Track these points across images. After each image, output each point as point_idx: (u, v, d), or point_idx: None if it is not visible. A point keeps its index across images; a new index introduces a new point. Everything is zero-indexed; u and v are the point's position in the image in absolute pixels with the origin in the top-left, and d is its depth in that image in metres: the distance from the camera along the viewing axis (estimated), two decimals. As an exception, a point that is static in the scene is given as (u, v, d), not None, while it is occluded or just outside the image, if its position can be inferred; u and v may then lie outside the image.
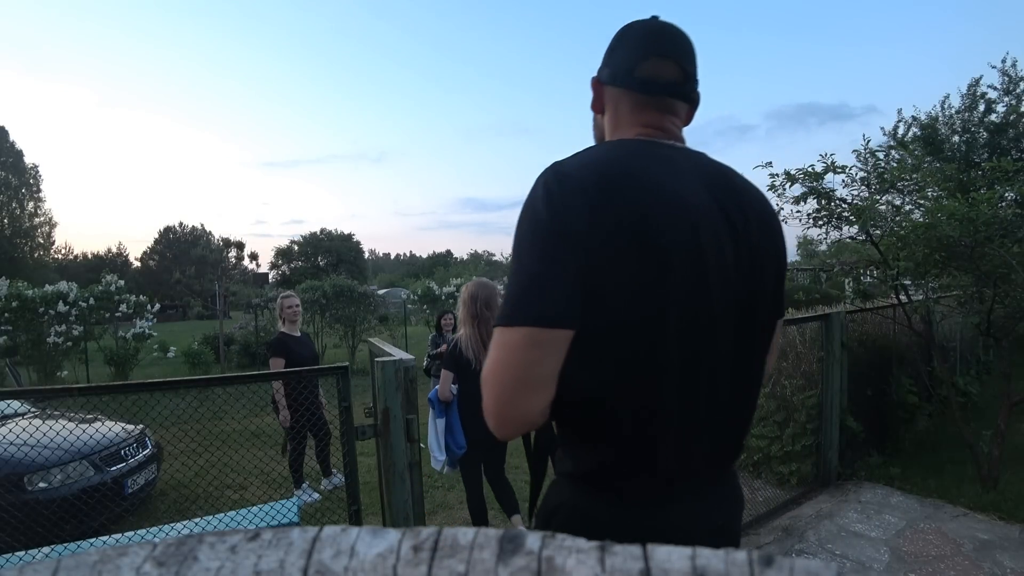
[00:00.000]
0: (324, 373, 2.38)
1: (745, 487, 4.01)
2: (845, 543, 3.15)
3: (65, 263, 45.99)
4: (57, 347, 9.32)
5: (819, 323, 4.00)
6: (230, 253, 22.09)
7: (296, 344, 4.33)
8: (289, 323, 4.40)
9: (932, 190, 4.28)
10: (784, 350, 4.22)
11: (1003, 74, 9.35)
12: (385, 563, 0.29)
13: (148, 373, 10.99)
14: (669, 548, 0.29)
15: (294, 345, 4.29)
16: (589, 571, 0.27)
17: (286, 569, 0.28)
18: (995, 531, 3.17)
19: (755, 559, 0.28)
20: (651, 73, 0.92)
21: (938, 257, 3.66)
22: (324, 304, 11.73)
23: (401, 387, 1.85)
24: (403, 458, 1.86)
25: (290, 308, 4.41)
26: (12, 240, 38.51)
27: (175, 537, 0.31)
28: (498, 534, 0.30)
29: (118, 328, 10.45)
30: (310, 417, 4.06)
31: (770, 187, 3.91)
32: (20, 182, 39.82)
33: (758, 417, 4.28)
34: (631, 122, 0.94)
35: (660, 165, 0.85)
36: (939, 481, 3.82)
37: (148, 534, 2.62)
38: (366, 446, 2.41)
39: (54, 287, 9.72)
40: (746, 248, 0.86)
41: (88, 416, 4.15)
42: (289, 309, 4.41)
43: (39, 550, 2.27)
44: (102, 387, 2.11)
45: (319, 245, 45.18)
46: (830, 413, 3.93)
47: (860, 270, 4.66)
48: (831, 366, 3.93)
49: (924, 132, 9.81)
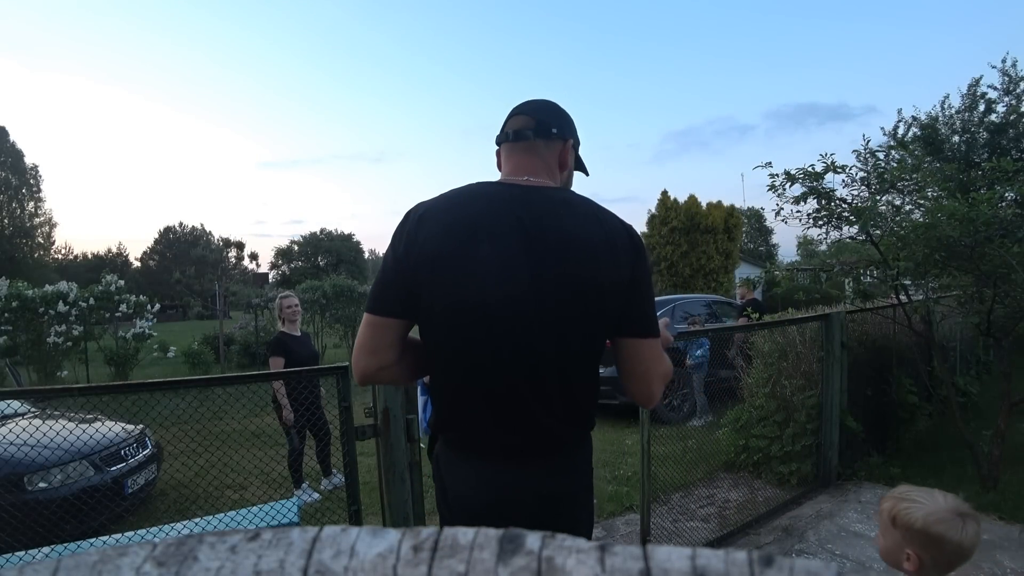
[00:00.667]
0: (324, 373, 2.38)
1: (745, 487, 4.04)
2: (845, 543, 3.15)
3: (65, 263, 46.04)
4: (57, 347, 9.32)
5: (819, 323, 4.00)
6: (230, 253, 22.09)
7: (295, 344, 4.33)
8: (288, 323, 4.41)
9: (932, 190, 4.27)
10: (784, 350, 4.22)
11: (1003, 74, 9.36)
12: (385, 563, 0.29)
13: (148, 373, 10.99)
14: (669, 548, 0.29)
15: (293, 345, 4.30)
16: (589, 571, 0.27)
17: (286, 569, 0.28)
18: (995, 531, 3.17)
19: (755, 559, 0.28)
20: (512, 127, 1.24)
21: (938, 257, 3.66)
22: (324, 304, 11.73)
23: (401, 387, 1.85)
24: (403, 458, 1.86)
25: (289, 308, 4.42)
26: (12, 240, 38.53)
27: (175, 537, 0.31)
28: (498, 534, 0.30)
29: (118, 328, 10.44)
30: (310, 417, 4.06)
31: (770, 187, 3.90)
32: (20, 182, 39.85)
33: (758, 417, 4.28)
34: (504, 166, 1.26)
35: (471, 199, 1.14)
36: (939, 481, 3.81)
37: (148, 534, 2.61)
38: (366, 446, 2.40)
39: (54, 287, 9.72)
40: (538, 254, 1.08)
41: (88, 416, 4.15)
42: (288, 309, 4.41)
43: (39, 550, 2.27)
44: (102, 387, 2.11)
45: (319, 245, 45.13)
46: (830, 413, 3.93)
47: (860, 270, 4.66)
48: (831, 366, 3.93)
49: (924, 132, 9.82)
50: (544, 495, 1.14)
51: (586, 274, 1.09)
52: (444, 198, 1.15)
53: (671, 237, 16.04)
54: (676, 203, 16.39)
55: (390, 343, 1.13)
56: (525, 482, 1.13)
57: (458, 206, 1.13)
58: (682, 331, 3.42)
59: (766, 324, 4.39)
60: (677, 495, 3.87)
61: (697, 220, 15.87)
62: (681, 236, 15.88)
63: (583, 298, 1.09)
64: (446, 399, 1.18)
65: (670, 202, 16.48)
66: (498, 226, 1.09)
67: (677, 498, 3.84)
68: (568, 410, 1.14)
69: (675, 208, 16.26)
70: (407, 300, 1.11)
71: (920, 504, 1.25)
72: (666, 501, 3.75)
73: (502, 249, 1.07)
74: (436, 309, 1.10)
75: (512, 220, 1.09)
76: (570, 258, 1.08)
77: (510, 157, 1.24)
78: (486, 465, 1.15)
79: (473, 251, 1.07)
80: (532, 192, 1.14)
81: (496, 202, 1.12)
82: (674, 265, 15.92)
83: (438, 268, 1.08)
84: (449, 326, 1.10)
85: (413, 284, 1.10)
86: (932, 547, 1.21)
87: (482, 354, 1.09)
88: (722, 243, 16.09)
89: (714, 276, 15.87)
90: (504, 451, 1.14)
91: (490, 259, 1.07)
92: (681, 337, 5.51)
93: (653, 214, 16.95)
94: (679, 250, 15.87)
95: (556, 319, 1.09)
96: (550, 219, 1.10)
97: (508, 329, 1.08)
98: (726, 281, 16.03)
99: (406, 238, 1.11)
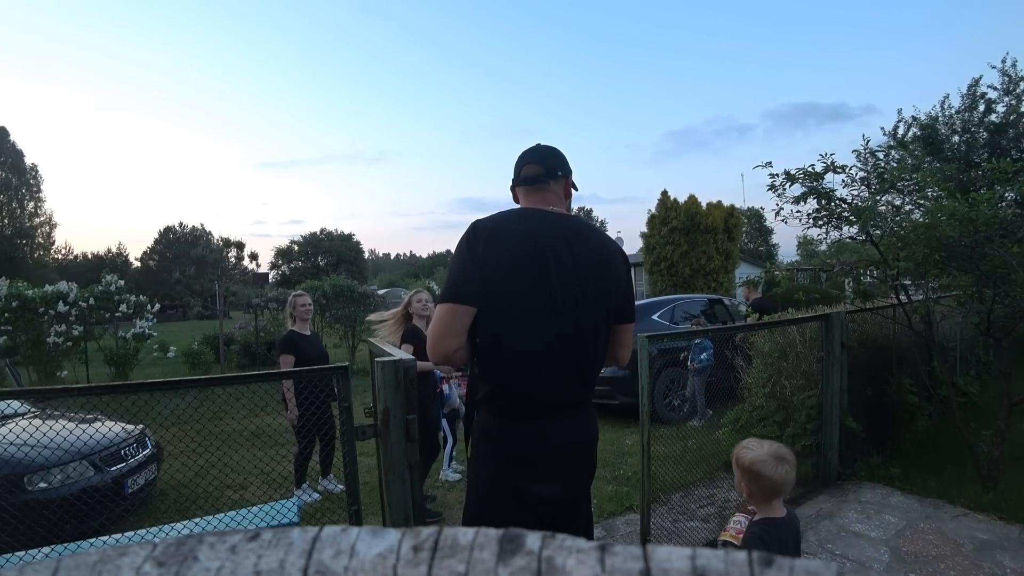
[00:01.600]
0: (324, 373, 2.38)
1: (745, 487, 4.03)
2: (845, 543, 3.15)
3: (65, 263, 45.97)
4: (57, 347, 9.30)
5: (819, 323, 4.00)
6: (230, 253, 22.08)
7: (306, 343, 4.33)
8: (300, 321, 4.41)
9: (932, 190, 4.27)
10: (784, 350, 4.22)
11: (1003, 74, 9.34)
12: (385, 563, 0.29)
13: (148, 373, 10.99)
14: (669, 548, 0.29)
15: (304, 343, 4.30)
16: (589, 571, 0.27)
17: (286, 569, 0.28)
18: (995, 531, 3.17)
19: (755, 559, 0.28)
20: (528, 173, 1.63)
21: (938, 257, 3.65)
22: (324, 304, 11.72)
23: (401, 387, 1.84)
24: (403, 458, 1.86)
25: (303, 307, 4.43)
26: (12, 240, 38.49)
27: (175, 537, 0.31)
28: (498, 534, 0.30)
29: (118, 328, 10.43)
30: (320, 416, 4.04)
31: (770, 187, 3.90)
32: (20, 182, 39.80)
33: (758, 417, 4.29)
34: (524, 202, 1.64)
35: (527, 221, 1.50)
36: (939, 481, 3.81)
37: (148, 534, 2.61)
38: (366, 446, 2.40)
39: (54, 287, 9.70)
40: (582, 265, 1.47)
41: (88, 416, 4.14)
42: (303, 307, 4.43)
43: (39, 550, 2.27)
44: (102, 387, 2.11)
45: (319, 245, 45.09)
46: (830, 413, 3.92)
47: (860, 270, 4.66)
48: (831, 366, 3.93)
49: (924, 132, 9.81)
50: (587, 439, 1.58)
51: (611, 281, 1.54)
52: (504, 217, 1.51)
53: (671, 237, 16.02)
54: (676, 203, 16.38)
55: (465, 327, 1.44)
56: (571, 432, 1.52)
57: (523, 225, 1.49)
58: (682, 331, 3.42)
59: (766, 324, 4.39)
60: (677, 495, 3.86)
61: (697, 220, 15.85)
62: (681, 236, 15.86)
63: (608, 298, 1.53)
64: (510, 378, 1.47)
65: (670, 202, 16.47)
66: (554, 244, 1.46)
67: (677, 498, 3.84)
68: (593, 379, 1.57)
69: (675, 208, 16.24)
70: (483, 294, 1.42)
71: (750, 449, 1.70)
72: (666, 501, 3.75)
73: (559, 262, 1.45)
74: (513, 305, 1.42)
75: (561, 240, 1.48)
76: (602, 270, 1.52)
77: (531, 195, 1.62)
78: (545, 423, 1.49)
79: (542, 262, 1.44)
80: (562, 218, 1.55)
81: (547, 224, 1.50)
82: (674, 265, 15.90)
83: (515, 274, 1.42)
84: (522, 320, 1.43)
85: (489, 283, 1.41)
86: (755, 481, 1.66)
87: (549, 342, 1.44)
88: (722, 243, 16.07)
89: (714, 276, 15.85)
90: (553, 410, 1.49)
91: (554, 270, 1.44)
92: (683, 337, 5.52)
93: (653, 214, 16.93)
94: (679, 250, 15.85)
95: (594, 314, 1.50)
96: (583, 239, 1.52)
97: (567, 323, 1.45)
98: (726, 281, 16.02)
99: (482, 246, 1.43)
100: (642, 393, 2.91)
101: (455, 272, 1.45)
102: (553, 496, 1.52)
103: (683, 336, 5.36)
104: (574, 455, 1.53)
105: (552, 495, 1.52)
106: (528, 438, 1.47)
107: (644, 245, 17.24)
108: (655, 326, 6.58)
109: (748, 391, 4.47)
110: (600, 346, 1.54)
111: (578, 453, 1.54)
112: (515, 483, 1.48)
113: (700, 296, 8.96)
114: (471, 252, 1.43)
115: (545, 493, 1.50)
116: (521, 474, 1.48)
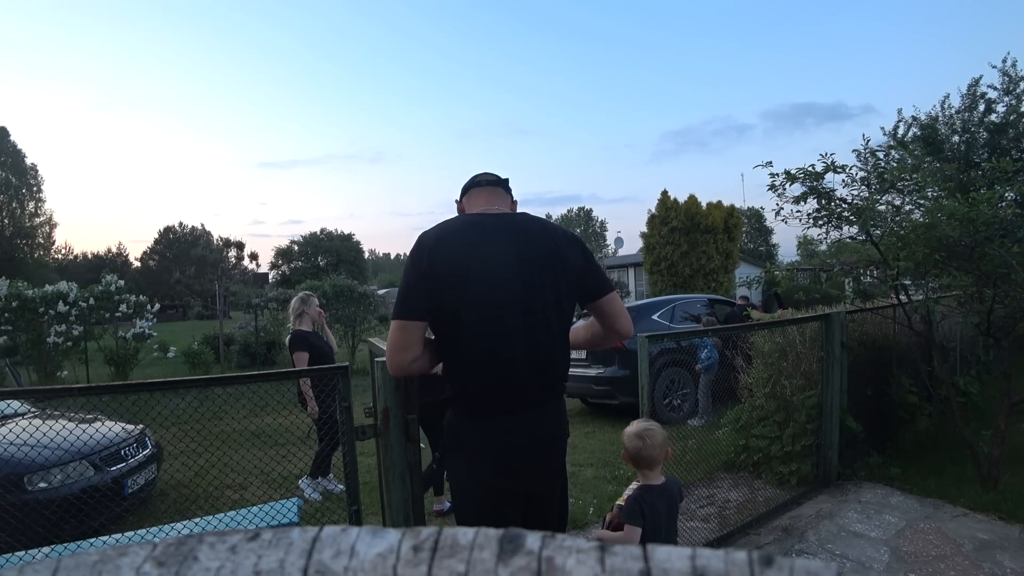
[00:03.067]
0: (324, 373, 2.38)
1: (745, 487, 4.04)
2: (845, 543, 3.15)
3: (65, 263, 46.01)
4: (57, 347, 9.31)
5: (819, 323, 4.00)
6: (230, 253, 22.10)
7: (315, 338, 4.51)
8: (309, 322, 4.53)
9: (932, 190, 4.27)
10: (784, 350, 4.22)
11: (1003, 74, 9.36)
12: (385, 563, 0.29)
13: (148, 373, 10.99)
14: (669, 548, 0.29)
15: (313, 339, 4.47)
16: (589, 571, 0.27)
17: (286, 569, 0.28)
18: (995, 531, 3.17)
19: (755, 559, 0.28)
20: (475, 180, 1.75)
21: (938, 257, 3.65)
22: (324, 304, 11.73)
23: (401, 387, 1.84)
24: (403, 458, 1.86)
25: (318, 310, 4.64)
26: (12, 240, 38.50)
27: (175, 537, 0.31)
28: (498, 534, 0.30)
29: (118, 328, 10.43)
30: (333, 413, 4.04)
31: (770, 187, 3.90)
32: (20, 182, 39.80)
33: (758, 417, 4.28)
34: (470, 208, 1.71)
35: (470, 227, 1.55)
36: (939, 481, 3.81)
37: (148, 534, 2.61)
38: (366, 446, 2.40)
39: (54, 287, 9.70)
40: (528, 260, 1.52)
41: (88, 416, 4.14)
42: (318, 311, 4.63)
43: (39, 550, 2.27)
44: (102, 387, 2.10)
45: (319, 245, 45.03)
46: (830, 413, 3.92)
47: (860, 270, 4.65)
48: (831, 366, 3.93)
49: (924, 132, 9.82)
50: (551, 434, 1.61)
51: (560, 271, 1.56)
52: (448, 227, 1.56)
53: (671, 237, 16.02)
54: (676, 203, 16.39)
55: (417, 340, 1.51)
56: (534, 427, 1.56)
57: (466, 231, 1.53)
58: (683, 330, 3.42)
59: (766, 324, 4.39)
60: (677, 495, 3.86)
61: (697, 220, 15.86)
62: (681, 236, 15.87)
63: (557, 290, 1.55)
64: (468, 377, 1.53)
65: (670, 202, 16.48)
66: (499, 244, 1.52)
67: (677, 498, 3.83)
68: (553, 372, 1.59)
69: (675, 208, 16.25)
70: (429, 307, 1.48)
71: (628, 428, 2.12)
72: (666, 501, 3.74)
73: (504, 261, 1.50)
74: (463, 311, 1.46)
75: (505, 239, 1.53)
76: (549, 261, 1.55)
77: (481, 195, 1.71)
78: (509, 418, 1.53)
79: (487, 264, 1.48)
80: (506, 216, 1.62)
81: (490, 226, 1.56)
82: (674, 265, 15.91)
83: (462, 280, 1.46)
84: (474, 322, 1.47)
85: (437, 294, 1.46)
86: (628, 451, 2.12)
87: (501, 341, 1.49)
88: (722, 243, 16.08)
89: (714, 276, 15.86)
90: (514, 406, 1.53)
91: (499, 270, 1.49)
92: (684, 336, 5.52)
93: (653, 214, 16.94)
94: (679, 250, 15.86)
95: (544, 307, 1.53)
96: (527, 234, 1.56)
97: (516, 320, 1.50)
98: (726, 281, 16.03)
99: (427, 259, 1.48)
100: (642, 393, 2.91)
101: (401, 289, 1.53)
102: (519, 490, 1.58)
103: (683, 336, 5.36)
104: (539, 450, 1.57)
105: (518, 489, 1.57)
106: (487, 433, 1.53)
107: (644, 245, 17.24)
108: (655, 326, 6.58)
109: (748, 391, 4.47)
110: (556, 338, 1.56)
111: (543, 448, 1.58)
112: (480, 477, 1.54)
113: (700, 296, 8.96)
114: (415, 267, 1.49)
115: (511, 487, 1.55)
116: (485, 468, 1.53)
